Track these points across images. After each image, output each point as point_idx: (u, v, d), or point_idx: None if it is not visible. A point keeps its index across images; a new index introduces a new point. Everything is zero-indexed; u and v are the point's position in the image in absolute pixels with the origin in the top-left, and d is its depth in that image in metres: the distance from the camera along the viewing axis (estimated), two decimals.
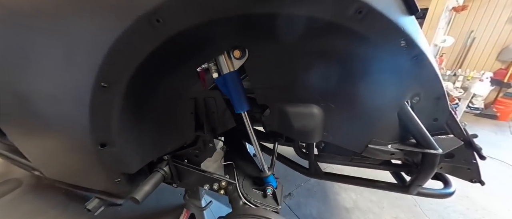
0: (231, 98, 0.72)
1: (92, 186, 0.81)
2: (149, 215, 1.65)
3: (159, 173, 0.85)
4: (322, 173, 1.00)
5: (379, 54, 0.55)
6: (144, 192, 0.75)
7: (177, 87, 0.70)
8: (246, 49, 0.62)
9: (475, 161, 0.79)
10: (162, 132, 0.78)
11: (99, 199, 0.84)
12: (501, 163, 2.46)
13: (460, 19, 4.07)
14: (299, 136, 0.70)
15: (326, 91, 0.65)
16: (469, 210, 1.77)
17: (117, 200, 0.81)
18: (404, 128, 0.72)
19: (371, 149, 0.72)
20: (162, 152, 0.83)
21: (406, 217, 1.71)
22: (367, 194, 1.97)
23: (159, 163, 0.87)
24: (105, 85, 0.51)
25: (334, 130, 0.71)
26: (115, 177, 0.73)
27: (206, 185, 0.89)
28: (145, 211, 1.66)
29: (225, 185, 0.85)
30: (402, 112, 0.68)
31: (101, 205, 0.86)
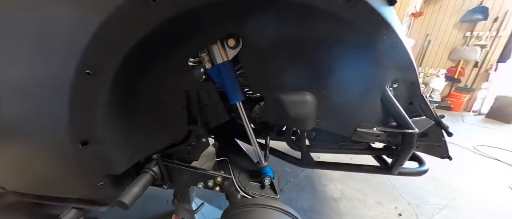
0: (225, 89, 0.71)
1: (69, 194, 0.72)
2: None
3: (148, 174, 0.79)
4: (314, 162, 1.03)
5: (365, 41, 0.60)
6: (132, 194, 0.69)
7: (169, 78, 0.67)
8: (240, 38, 0.62)
9: (444, 139, 0.90)
10: (152, 127, 0.73)
11: (77, 209, 0.75)
12: (458, 147, 2.84)
13: (418, 24, 4.65)
14: (295, 123, 0.72)
15: (317, 78, 0.68)
16: (437, 189, 2.00)
17: (100, 207, 0.73)
18: (386, 112, 0.79)
19: (359, 132, 0.78)
20: (151, 150, 0.77)
21: (387, 200, 1.85)
22: (352, 183, 2.09)
23: (148, 163, 0.81)
24: (90, 72, 0.46)
25: (326, 116, 0.75)
26: (97, 181, 0.66)
27: (200, 183, 0.85)
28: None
29: (220, 180, 0.83)
30: (384, 96, 0.75)
31: (80, 216, 0.76)
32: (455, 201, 1.85)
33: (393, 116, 0.80)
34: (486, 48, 3.94)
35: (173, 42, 0.57)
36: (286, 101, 0.70)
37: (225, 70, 0.67)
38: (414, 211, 1.74)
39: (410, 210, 1.74)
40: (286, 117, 0.71)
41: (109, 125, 0.57)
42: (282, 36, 0.61)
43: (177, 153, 0.86)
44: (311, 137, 1.02)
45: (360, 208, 1.77)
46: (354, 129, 0.77)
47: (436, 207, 1.78)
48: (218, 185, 0.83)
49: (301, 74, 0.68)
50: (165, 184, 0.87)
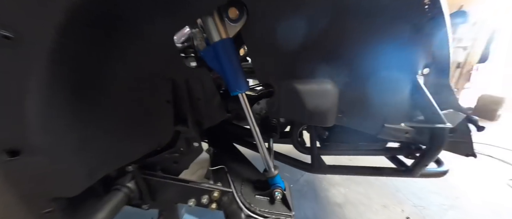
0: (224, 75, 0.55)
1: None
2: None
3: (121, 192, 0.60)
4: (326, 166, 0.89)
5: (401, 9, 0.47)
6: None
7: (147, 62, 0.49)
8: (245, 7, 0.47)
9: (470, 134, 0.80)
10: (124, 130, 0.54)
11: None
12: None
13: None
14: (312, 119, 0.57)
15: (341, 61, 0.55)
16: (440, 189, 1.94)
17: None
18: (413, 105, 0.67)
19: (387, 129, 0.65)
20: (125, 160, 0.58)
21: (392, 203, 1.76)
22: (355, 187, 1.98)
23: (120, 177, 0.62)
24: (8, 35, 0.28)
25: (349, 110, 0.61)
26: (41, 207, 0.45)
27: (191, 200, 0.66)
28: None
29: (218, 195, 0.65)
30: (414, 85, 0.63)
31: None
32: (459, 200, 1.80)
33: (421, 109, 0.68)
34: (467, 50, 4.14)
35: (150, 8, 0.40)
36: (302, 91, 0.55)
37: (224, 50, 0.51)
38: (421, 213, 1.65)
39: (417, 213, 1.65)
40: (302, 111, 0.56)
41: (52, 125, 0.38)
42: (298, 6, 0.46)
43: (161, 162, 0.67)
44: (322, 137, 0.88)
45: (366, 213, 1.65)
46: (381, 125, 0.64)
47: (442, 208, 1.71)
48: (215, 201, 0.65)
49: (322, 57, 0.54)
50: (145, 203, 0.67)
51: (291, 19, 0.47)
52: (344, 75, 0.56)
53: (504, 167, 2.35)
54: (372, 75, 0.57)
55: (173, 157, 0.65)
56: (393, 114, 0.65)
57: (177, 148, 0.63)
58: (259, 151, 0.61)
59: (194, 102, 0.59)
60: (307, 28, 0.49)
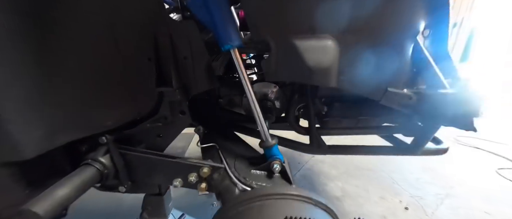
0: (214, 27, 0.48)
1: None
2: None
3: (91, 167, 0.50)
4: (326, 146, 0.83)
5: None
6: (53, 200, 0.39)
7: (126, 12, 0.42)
8: None
9: None
10: (96, 89, 0.46)
11: None
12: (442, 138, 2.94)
13: None
14: (312, 77, 0.52)
15: (343, 14, 0.50)
16: (435, 179, 1.95)
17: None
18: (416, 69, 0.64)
19: (390, 93, 0.61)
20: (96, 127, 0.49)
21: (390, 195, 1.72)
22: (352, 180, 1.94)
23: (92, 151, 0.52)
24: None
25: (351, 71, 0.56)
26: None
27: (176, 179, 0.58)
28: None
29: (207, 172, 0.56)
30: (415, 47, 0.60)
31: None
32: (454, 189, 1.80)
33: (423, 74, 0.66)
34: None
35: None
36: (301, 47, 0.50)
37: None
38: (419, 203, 1.63)
39: (415, 203, 1.63)
40: (301, 69, 0.51)
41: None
42: None
43: (143, 136, 0.58)
44: (321, 114, 0.83)
45: (365, 206, 1.60)
46: (384, 89, 0.60)
47: (438, 197, 1.70)
48: (205, 179, 0.57)
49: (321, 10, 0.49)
50: (122, 184, 0.57)
51: None
52: (345, 32, 0.52)
53: (491, 157, 2.42)
54: (374, 32, 0.53)
55: (156, 128, 0.57)
56: (395, 77, 0.62)
57: (161, 116, 0.55)
58: (253, 113, 0.54)
59: (179, 61, 0.52)
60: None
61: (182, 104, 0.56)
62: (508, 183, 1.91)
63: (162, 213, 1.00)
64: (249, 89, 0.51)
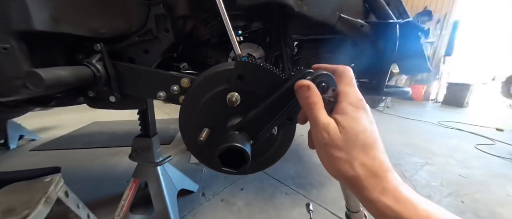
0: None
1: None
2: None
3: (87, 67, 0.60)
4: None
5: None
6: (55, 73, 0.49)
7: None
8: None
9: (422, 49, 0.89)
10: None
11: None
12: (426, 123, 3.07)
13: None
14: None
15: None
16: (415, 152, 2.05)
17: (2, 96, 0.50)
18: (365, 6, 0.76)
19: (344, 19, 0.72)
20: (90, 30, 0.59)
21: None
22: None
23: (89, 56, 0.62)
24: None
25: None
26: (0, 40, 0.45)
27: (161, 91, 0.67)
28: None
29: (187, 82, 0.66)
30: None
31: None
32: (433, 159, 1.91)
33: (373, 9, 0.77)
34: (434, 44, 4.58)
35: None
36: None
37: None
38: (399, 169, 1.72)
39: (395, 169, 1.71)
40: None
41: None
42: None
43: (131, 50, 0.68)
44: (293, 55, 0.94)
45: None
46: (338, 14, 0.71)
47: (418, 165, 1.79)
48: (185, 90, 0.66)
49: None
50: (113, 93, 0.66)
51: None
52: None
53: (472, 136, 2.54)
54: None
55: (143, 42, 0.67)
56: (347, 6, 0.73)
57: (147, 29, 0.65)
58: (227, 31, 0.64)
59: None
60: None
61: (166, 22, 0.66)
62: (484, 154, 2.02)
63: (150, 155, 1.08)
64: (225, 18, 0.60)
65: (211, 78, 0.45)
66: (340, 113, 0.27)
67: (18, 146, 2.05)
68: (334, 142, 0.26)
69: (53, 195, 0.62)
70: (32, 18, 0.46)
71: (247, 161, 0.34)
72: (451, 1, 4.30)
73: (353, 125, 0.26)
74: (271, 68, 0.40)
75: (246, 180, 1.51)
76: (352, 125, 0.26)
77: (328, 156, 0.27)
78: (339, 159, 0.26)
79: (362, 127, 0.26)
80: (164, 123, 2.68)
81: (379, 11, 0.76)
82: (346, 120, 0.26)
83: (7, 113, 0.86)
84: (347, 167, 0.25)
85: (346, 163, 0.25)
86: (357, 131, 0.26)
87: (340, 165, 0.26)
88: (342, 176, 0.26)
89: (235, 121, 0.42)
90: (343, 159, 0.25)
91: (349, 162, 0.25)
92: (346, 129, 0.26)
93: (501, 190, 1.45)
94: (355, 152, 0.25)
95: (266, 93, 0.39)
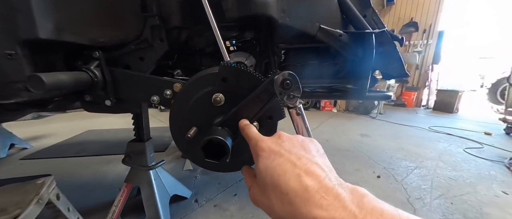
0: None
1: None
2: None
3: (85, 73, 0.64)
4: None
5: None
6: (56, 77, 0.53)
7: None
8: None
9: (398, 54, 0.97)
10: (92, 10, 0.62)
11: None
12: (417, 128, 3.14)
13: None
14: (258, 7, 0.69)
15: None
16: (407, 156, 2.09)
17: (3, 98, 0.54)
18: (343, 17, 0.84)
19: (324, 29, 0.79)
20: (90, 39, 0.64)
21: (365, 167, 1.85)
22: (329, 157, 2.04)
23: (88, 63, 0.66)
24: None
25: (290, 9, 0.75)
26: (5, 46, 0.50)
27: (154, 95, 0.72)
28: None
29: (179, 86, 0.71)
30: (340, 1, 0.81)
31: None
32: (423, 163, 1.95)
33: (351, 21, 0.85)
34: (422, 53, 4.80)
35: None
36: None
37: None
38: (390, 173, 1.75)
39: (387, 173, 1.75)
40: (249, 1, 0.69)
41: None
42: None
43: (127, 57, 0.73)
44: (280, 62, 1.00)
45: (341, 175, 1.61)
46: (318, 25, 0.79)
47: (408, 168, 1.83)
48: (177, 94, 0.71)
49: None
50: (109, 97, 0.70)
51: None
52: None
53: (461, 141, 2.60)
54: None
55: (139, 50, 0.72)
56: (327, 18, 0.81)
57: (143, 38, 0.71)
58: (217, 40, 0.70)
59: None
60: None
61: (161, 32, 0.72)
62: (473, 157, 2.08)
63: (144, 159, 1.09)
64: (211, 18, 0.67)
65: (199, 81, 0.50)
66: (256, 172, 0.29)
67: (8, 155, 2.02)
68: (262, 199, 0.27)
69: (45, 196, 0.64)
70: (37, 28, 0.51)
71: (227, 153, 0.37)
72: (435, 13, 4.56)
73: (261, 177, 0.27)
74: (251, 71, 0.45)
75: (239, 185, 1.52)
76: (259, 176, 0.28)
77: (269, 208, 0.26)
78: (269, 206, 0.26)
79: (263, 174, 0.27)
80: (159, 131, 2.69)
81: (355, 22, 0.84)
82: (258, 175, 0.28)
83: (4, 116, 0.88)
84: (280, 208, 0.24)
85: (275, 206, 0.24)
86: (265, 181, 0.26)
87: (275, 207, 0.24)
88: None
89: (219, 119, 0.47)
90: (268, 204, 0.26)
91: (271, 206, 0.25)
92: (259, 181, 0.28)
93: (488, 191, 1.49)
94: (272, 198, 0.25)
95: (246, 94, 0.43)
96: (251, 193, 0.30)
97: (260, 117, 0.43)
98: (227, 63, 0.48)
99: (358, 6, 0.88)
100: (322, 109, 4.49)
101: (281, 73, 0.36)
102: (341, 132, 2.88)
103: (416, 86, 5.03)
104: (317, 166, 0.25)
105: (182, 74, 0.98)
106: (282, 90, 0.38)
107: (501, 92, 4.27)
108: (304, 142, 0.29)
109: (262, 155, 0.28)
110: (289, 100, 0.38)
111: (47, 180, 0.70)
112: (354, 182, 0.85)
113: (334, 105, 4.44)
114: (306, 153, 0.27)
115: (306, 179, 0.23)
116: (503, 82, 4.17)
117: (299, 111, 0.39)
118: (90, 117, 3.70)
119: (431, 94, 4.87)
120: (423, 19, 4.72)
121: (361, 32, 0.83)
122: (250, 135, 0.33)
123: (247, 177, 0.34)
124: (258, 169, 0.28)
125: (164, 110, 4.20)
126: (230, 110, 0.44)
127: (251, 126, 0.36)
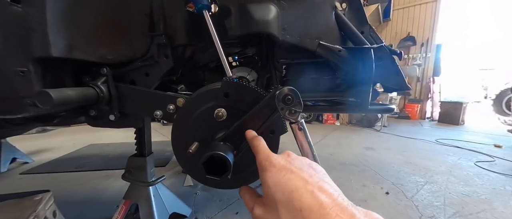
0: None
1: None
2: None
3: (92, 88, 0.66)
4: None
5: None
6: (63, 93, 0.55)
7: None
8: None
9: (398, 68, 0.98)
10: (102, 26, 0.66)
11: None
12: (423, 141, 3.07)
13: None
14: (258, 25, 0.72)
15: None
16: (415, 171, 2.02)
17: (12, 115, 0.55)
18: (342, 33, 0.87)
19: (323, 45, 0.82)
20: (100, 57, 0.67)
21: (372, 183, 1.77)
22: (335, 172, 2.00)
23: (95, 79, 0.69)
24: None
25: (289, 27, 0.78)
26: (18, 63, 0.52)
27: (158, 110, 0.73)
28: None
29: (183, 101, 0.72)
30: (337, 16, 0.85)
31: None
32: (433, 178, 1.87)
33: (349, 37, 0.88)
34: (421, 66, 4.85)
35: None
36: (251, 6, 0.73)
37: None
38: (399, 189, 1.67)
39: (396, 189, 1.67)
40: (251, 20, 0.73)
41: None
42: None
43: (133, 73, 0.75)
44: (281, 76, 1.02)
45: (348, 191, 1.63)
46: (317, 42, 0.81)
47: (418, 184, 1.75)
48: None
49: None
50: (113, 112, 0.72)
51: None
52: (281, 0, 0.76)
53: (471, 154, 2.52)
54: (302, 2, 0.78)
55: (145, 66, 0.75)
56: (326, 35, 0.84)
57: (150, 55, 0.73)
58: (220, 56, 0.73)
59: (166, 18, 0.74)
60: None
61: (166, 49, 0.75)
62: (485, 172, 1.99)
63: (144, 175, 1.07)
64: (217, 42, 0.70)
65: (201, 96, 0.51)
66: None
67: (9, 169, 2.01)
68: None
69: (42, 213, 0.62)
70: (51, 47, 0.54)
71: (228, 169, 0.37)
72: (431, 27, 4.70)
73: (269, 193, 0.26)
74: (252, 86, 0.46)
75: (241, 203, 1.46)
76: (268, 193, 0.26)
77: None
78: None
79: (272, 189, 0.26)
80: (160, 145, 2.67)
81: (353, 37, 0.87)
82: (264, 191, 0.28)
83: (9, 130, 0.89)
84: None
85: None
86: (274, 198, 0.25)
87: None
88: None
89: (221, 134, 0.47)
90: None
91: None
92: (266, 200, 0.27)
93: (506, 208, 1.40)
94: (283, 215, 0.24)
95: (248, 109, 0.44)
96: (256, 213, 0.28)
97: (262, 132, 0.43)
98: (230, 79, 0.49)
99: (355, 23, 0.91)
100: (325, 122, 4.45)
101: (282, 88, 0.36)
102: (345, 146, 2.82)
103: (419, 98, 5.01)
104: (328, 185, 0.24)
105: (186, 89, 1.00)
106: (283, 105, 0.38)
107: (507, 103, 4.21)
108: (312, 163, 0.29)
109: (272, 170, 0.27)
110: (290, 115, 0.38)
111: (45, 196, 0.69)
112: (361, 199, 0.82)
113: (336, 119, 4.40)
114: (316, 173, 0.26)
115: (320, 195, 0.22)
116: (508, 93, 4.14)
117: (301, 126, 0.39)
118: (93, 131, 3.73)
119: (435, 106, 4.82)
120: (420, 33, 4.85)
121: (360, 48, 0.85)
122: (259, 148, 0.32)
123: (248, 197, 0.32)
124: (266, 184, 0.27)
125: (167, 123, 4.21)
126: (232, 125, 0.44)
127: (260, 138, 0.35)
